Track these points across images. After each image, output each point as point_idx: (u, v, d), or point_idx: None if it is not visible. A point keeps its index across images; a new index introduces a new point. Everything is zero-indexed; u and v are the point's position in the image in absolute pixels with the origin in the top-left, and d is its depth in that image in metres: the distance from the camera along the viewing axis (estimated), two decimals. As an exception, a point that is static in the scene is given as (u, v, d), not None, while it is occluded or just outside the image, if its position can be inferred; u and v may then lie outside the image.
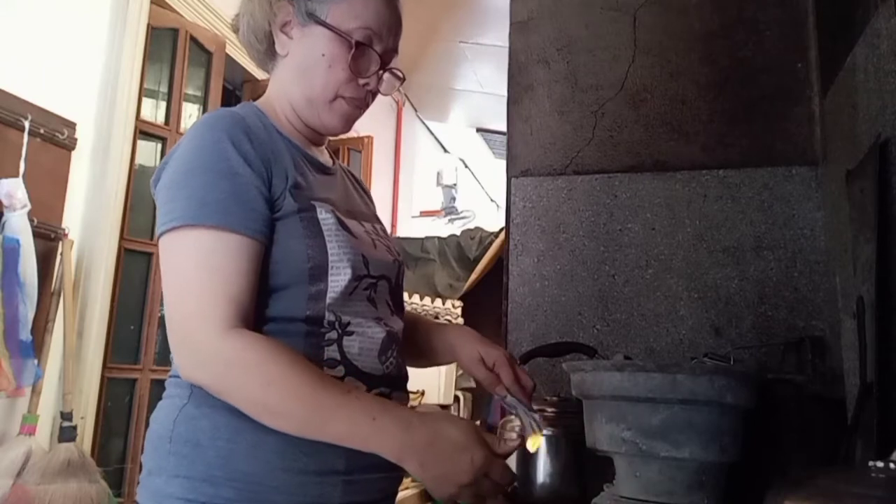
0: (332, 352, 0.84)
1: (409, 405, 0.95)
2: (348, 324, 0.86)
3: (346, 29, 0.89)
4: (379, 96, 0.96)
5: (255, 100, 0.97)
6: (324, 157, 1.00)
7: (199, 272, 0.78)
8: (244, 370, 0.76)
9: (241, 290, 0.78)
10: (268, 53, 0.96)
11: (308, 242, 0.83)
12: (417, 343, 1.04)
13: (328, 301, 0.84)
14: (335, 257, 0.84)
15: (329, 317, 0.84)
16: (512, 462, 1.14)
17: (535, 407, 0.97)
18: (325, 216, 0.86)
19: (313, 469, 0.80)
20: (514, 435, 0.94)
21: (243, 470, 0.78)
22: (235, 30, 0.98)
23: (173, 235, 0.80)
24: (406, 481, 2.60)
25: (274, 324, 0.83)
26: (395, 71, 0.95)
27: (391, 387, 0.90)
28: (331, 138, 1.02)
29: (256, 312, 0.81)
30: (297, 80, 0.92)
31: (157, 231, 0.82)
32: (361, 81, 0.91)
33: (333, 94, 0.90)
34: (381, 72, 0.93)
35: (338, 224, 0.87)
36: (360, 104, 0.93)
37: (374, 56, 0.91)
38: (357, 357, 0.86)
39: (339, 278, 0.84)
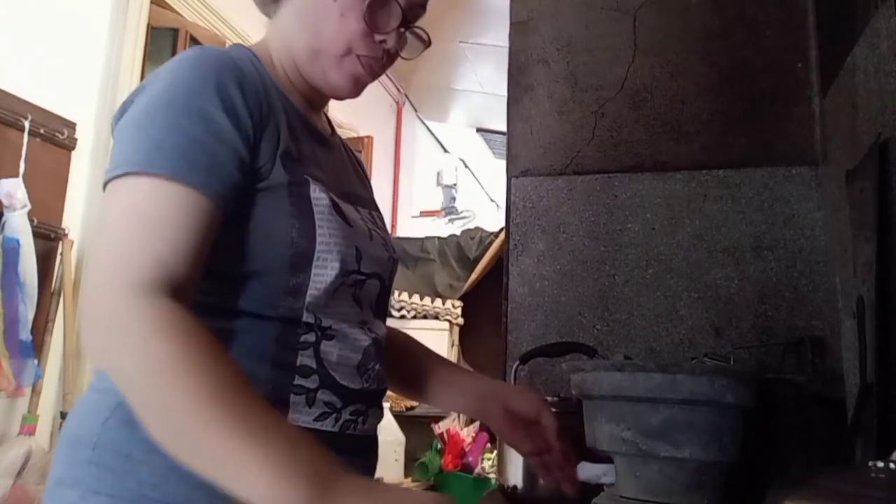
0: (306, 358, 0.71)
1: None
2: (329, 326, 0.72)
3: None
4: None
5: None
6: (322, 123, 0.87)
7: (129, 225, 0.61)
8: (128, 336, 0.57)
9: (177, 254, 0.61)
10: None
11: (294, 223, 0.69)
12: (414, 380, 0.91)
13: (308, 299, 0.70)
14: (323, 246, 0.70)
15: (307, 317, 0.71)
16: (512, 462, 1.14)
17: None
18: (318, 195, 0.72)
19: None
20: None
21: (181, 494, 0.62)
22: None
23: (117, 184, 0.64)
24: (406, 481, 2.60)
25: (241, 319, 0.69)
26: (418, 30, 0.81)
27: (368, 403, 0.77)
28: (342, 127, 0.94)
29: (221, 303, 0.68)
30: (303, 27, 0.77)
31: (105, 178, 0.65)
32: (378, 37, 0.77)
33: (344, 49, 0.76)
34: (402, 29, 0.78)
35: (332, 207, 0.73)
36: (375, 65, 0.78)
37: (395, 8, 0.76)
38: (335, 366, 0.73)
39: (324, 272, 0.71)
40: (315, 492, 0.52)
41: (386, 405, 2.65)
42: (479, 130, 6.20)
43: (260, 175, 0.69)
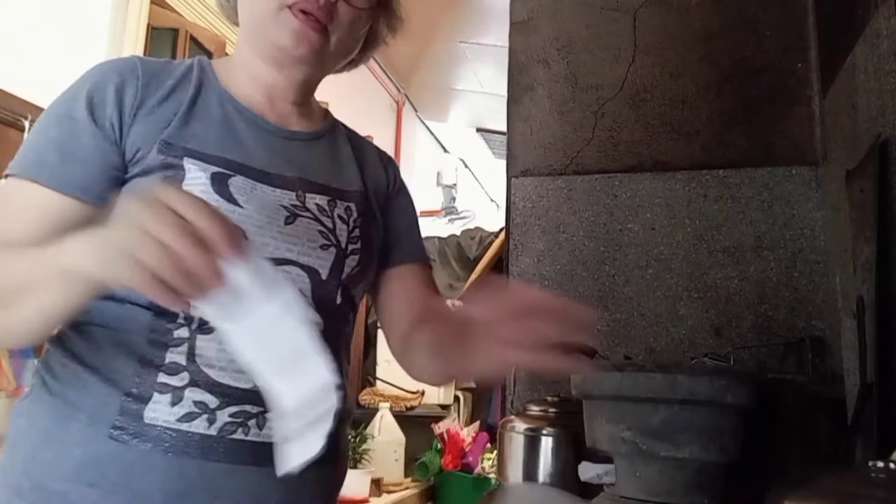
0: (176, 354, 0.68)
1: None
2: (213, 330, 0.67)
3: None
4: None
5: None
6: (298, 119, 0.85)
7: None
8: None
9: (19, 234, 0.65)
10: (233, 8, 0.84)
11: None
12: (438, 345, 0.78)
13: None
14: None
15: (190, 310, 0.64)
16: (512, 461, 1.14)
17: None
18: (195, 174, 0.70)
19: (118, 495, 0.65)
20: None
21: (44, 485, 0.65)
22: None
23: None
24: (406, 481, 2.60)
25: (114, 303, 0.69)
26: None
27: (261, 404, 0.68)
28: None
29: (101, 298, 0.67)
30: (243, 10, 0.81)
31: None
32: None
33: (276, 4, 0.75)
34: None
35: (212, 186, 0.70)
36: (312, 12, 0.76)
37: None
38: (212, 363, 0.68)
39: None
40: (80, 241, 0.55)
41: (385, 405, 2.65)
42: (479, 130, 6.20)
43: (137, 160, 0.71)
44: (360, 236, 0.81)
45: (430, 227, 5.05)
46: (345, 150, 0.90)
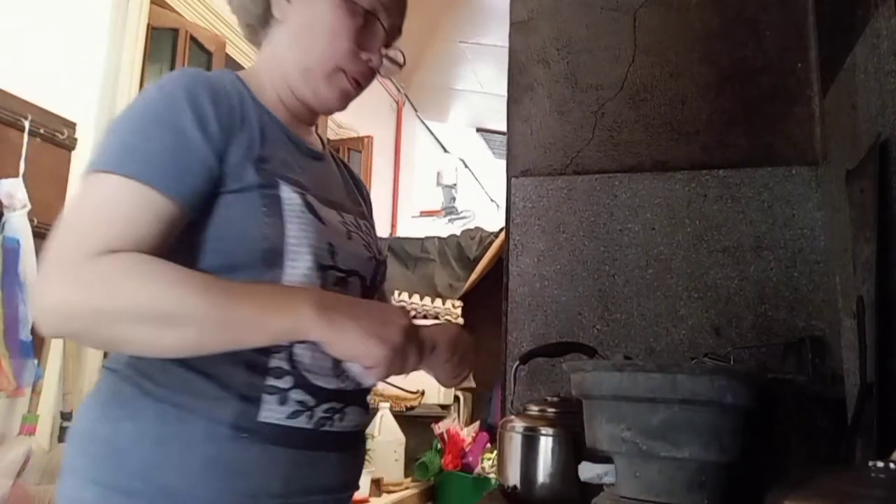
0: (279, 360, 0.76)
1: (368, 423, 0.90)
2: None
3: None
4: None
5: None
6: (311, 138, 0.93)
7: (94, 211, 0.69)
8: (119, 281, 0.64)
9: (139, 237, 0.68)
10: (262, 19, 0.89)
11: (266, 221, 0.74)
12: None
13: None
14: (294, 240, 0.75)
15: None
16: (512, 461, 1.14)
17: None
18: (289, 195, 0.77)
19: (243, 489, 0.72)
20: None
21: (166, 484, 0.70)
22: None
23: (91, 177, 0.71)
24: (406, 481, 2.60)
25: None
26: (395, 52, 0.89)
27: (345, 401, 0.81)
28: (331, 138, 1.00)
29: None
30: (294, 47, 0.85)
31: (84, 171, 0.73)
32: (364, 56, 0.85)
33: (333, 66, 0.83)
34: (383, 49, 0.87)
35: (304, 206, 0.78)
36: (361, 80, 0.86)
37: (380, 29, 0.85)
38: (309, 368, 0.77)
39: (297, 265, 0.75)
40: (319, 310, 0.68)
41: (385, 405, 2.65)
42: (479, 130, 6.20)
43: (231, 178, 0.75)
44: (380, 249, 0.93)
45: (430, 227, 5.05)
46: (340, 170, 0.99)
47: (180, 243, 0.73)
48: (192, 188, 0.72)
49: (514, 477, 1.13)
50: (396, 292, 3.37)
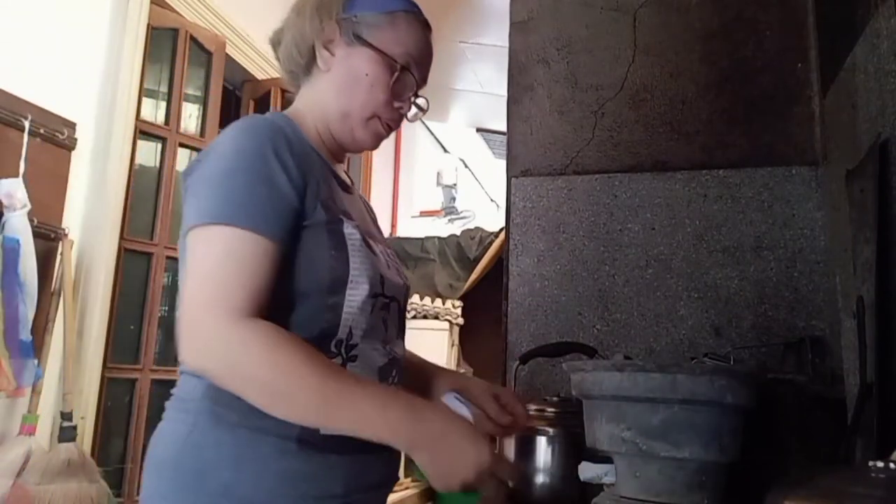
0: None
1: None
2: (354, 346, 0.87)
3: (392, 53, 0.93)
4: None
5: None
6: (343, 174, 1.04)
7: (223, 264, 0.79)
8: (250, 352, 0.76)
9: (261, 287, 0.79)
10: (305, 67, 0.99)
11: (333, 254, 0.85)
12: (420, 388, 1.05)
13: (344, 315, 0.85)
14: (356, 271, 0.86)
15: (342, 333, 0.85)
16: (512, 461, 1.14)
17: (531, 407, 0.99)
18: (350, 231, 0.88)
19: (313, 494, 0.82)
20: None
21: (246, 497, 0.80)
22: (275, 43, 1.02)
23: (205, 229, 0.81)
24: (406, 481, 2.60)
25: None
26: (420, 100, 1.01)
27: None
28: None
29: (274, 319, 0.82)
30: (337, 95, 0.95)
31: (189, 223, 0.83)
32: (397, 104, 0.96)
33: (371, 113, 0.94)
34: (412, 98, 0.98)
35: (362, 241, 0.89)
36: (393, 125, 0.98)
37: (411, 81, 0.96)
38: None
39: (356, 292, 0.86)
40: (413, 424, 0.78)
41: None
42: (479, 130, 6.19)
43: (305, 216, 0.85)
44: (405, 275, 1.02)
45: (430, 227, 5.05)
46: (362, 200, 1.08)
47: None
48: (289, 231, 0.83)
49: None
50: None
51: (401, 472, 2.59)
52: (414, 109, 1.01)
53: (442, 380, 1.06)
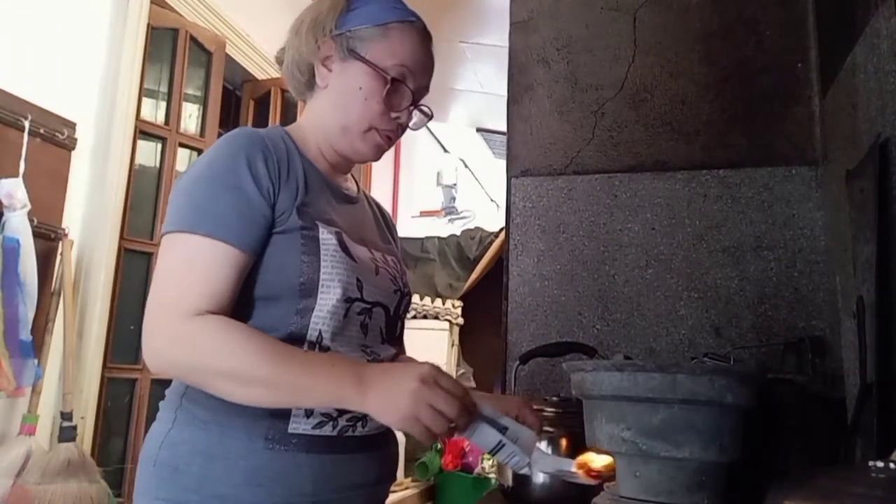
0: None
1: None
2: (326, 349, 0.88)
3: (384, 66, 0.95)
4: None
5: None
6: (347, 184, 1.06)
7: (183, 270, 0.83)
8: (204, 344, 0.79)
9: (221, 291, 0.83)
10: (308, 84, 1.02)
11: (304, 259, 0.87)
12: None
13: (313, 319, 0.87)
14: (327, 276, 0.88)
15: (311, 335, 0.87)
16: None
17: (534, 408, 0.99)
18: (326, 236, 0.90)
19: (280, 491, 0.84)
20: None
21: (216, 493, 0.83)
22: (280, 62, 1.04)
23: (172, 237, 0.85)
24: (406, 481, 2.60)
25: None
26: (423, 108, 1.02)
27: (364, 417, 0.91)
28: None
29: (243, 320, 0.85)
30: (334, 110, 0.98)
31: (161, 232, 0.88)
32: (393, 115, 0.98)
33: (367, 126, 0.96)
34: (411, 107, 1.00)
35: (338, 246, 0.91)
36: (392, 136, 1.00)
37: (406, 92, 0.98)
38: None
39: (328, 296, 0.88)
40: (356, 386, 0.78)
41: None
42: (479, 130, 6.19)
43: (279, 221, 0.88)
44: (405, 282, 1.05)
45: (430, 227, 5.05)
46: (372, 210, 1.11)
47: None
48: (256, 237, 0.86)
49: (514, 477, 1.13)
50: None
51: (400, 473, 2.59)
52: (416, 118, 1.03)
53: None
